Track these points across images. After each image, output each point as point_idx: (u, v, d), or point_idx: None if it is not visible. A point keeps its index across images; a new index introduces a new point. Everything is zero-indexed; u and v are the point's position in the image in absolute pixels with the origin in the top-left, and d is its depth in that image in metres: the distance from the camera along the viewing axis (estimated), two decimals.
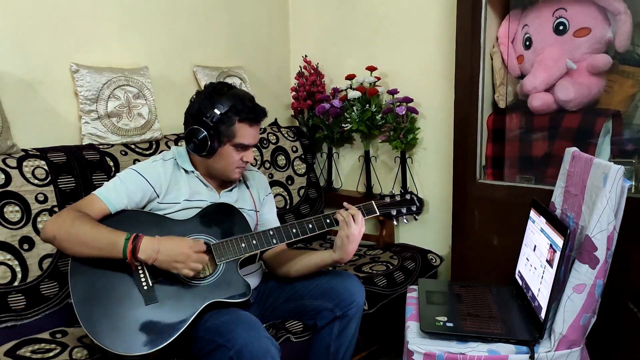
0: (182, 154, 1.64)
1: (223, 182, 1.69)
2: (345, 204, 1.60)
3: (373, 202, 1.65)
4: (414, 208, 1.70)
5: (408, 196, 1.70)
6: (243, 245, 1.53)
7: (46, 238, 1.43)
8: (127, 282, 1.42)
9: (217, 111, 1.52)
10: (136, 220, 1.51)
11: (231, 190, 1.68)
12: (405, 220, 1.70)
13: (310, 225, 1.58)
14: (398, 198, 1.69)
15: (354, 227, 1.53)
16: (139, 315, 1.39)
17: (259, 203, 1.75)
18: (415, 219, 1.73)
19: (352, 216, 1.54)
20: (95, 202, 1.47)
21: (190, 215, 1.57)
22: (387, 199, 1.68)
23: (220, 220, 1.58)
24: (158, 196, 1.56)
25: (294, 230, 1.58)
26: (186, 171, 1.62)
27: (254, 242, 1.54)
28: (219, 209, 1.60)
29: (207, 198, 1.62)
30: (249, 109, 1.55)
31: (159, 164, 1.60)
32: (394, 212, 1.67)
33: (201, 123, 1.53)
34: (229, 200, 1.66)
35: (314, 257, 1.63)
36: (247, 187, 1.73)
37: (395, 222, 1.71)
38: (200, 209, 1.58)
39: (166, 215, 1.56)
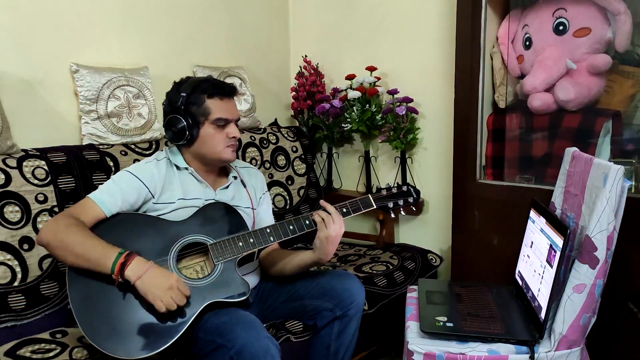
0: (175, 151, 1.65)
1: (218, 179, 1.69)
2: (321, 202, 1.59)
3: (370, 196, 1.65)
4: (410, 200, 1.69)
5: (405, 188, 1.70)
6: (240, 244, 1.53)
7: (41, 244, 1.43)
8: (125, 285, 1.41)
9: (183, 94, 1.56)
10: (132, 223, 1.50)
11: (227, 187, 1.68)
12: (402, 213, 1.69)
13: (307, 222, 1.58)
14: (395, 190, 1.69)
15: (332, 227, 1.53)
16: (138, 318, 1.38)
17: (256, 201, 1.75)
18: (413, 209, 1.72)
19: (331, 217, 1.54)
20: (90, 206, 1.47)
21: (186, 215, 1.56)
22: (384, 192, 1.68)
23: (217, 219, 1.58)
24: (153, 197, 1.56)
25: (291, 227, 1.57)
26: (179, 168, 1.62)
27: (251, 240, 1.54)
28: (215, 208, 1.60)
29: (202, 195, 1.62)
30: (213, 85, 1.59)
31: (153, 164, 1.60)
32: (390, 205, 1.67)
33: (174, 112, 1.56)
34: (225, 197, 1.66)
35: (296, 258, 1.63)
36: (244, 185, 1.73)
37: (392, 215, 1.71)
38: (195, 208, 1.58)
39: (162, 216, 1.55)
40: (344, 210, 1.60)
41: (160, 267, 1.41)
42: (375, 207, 1.64)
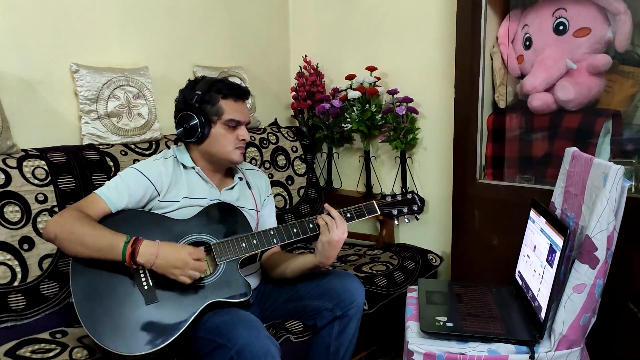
0: (182, 150, 1.66)
1: (224, 179, 1.69)
2: (326, 206, 1.60)
3: (374, 202, 1.66)
4: (415, 207, 1.70)
5: (409, 195, 1.70)
6: (244, 245, 1.53)
7: (48, 237, 1.43)
8: (127, 281, 1.42)
9: (199, 92, 1.56)
10: (137, 220, 1.51)
11: (232, 188, 1.69)
12: (406, 220, 1.70)
13: (311, 225, 1.59)
14: (399, 197, 1.69)
15: (335, 232, 1.53)
16: (140, 314, 1.39)
17: (260, 203, 1.76)
18: (417, 219, 1.73)
19: (335, 221, 1.54)
20: (96, 202, 1.47)
21: (191, 214, 1.57)
22: (389, 199, 1.69)
23: (221, 219, 1.58)
24: (159, 194, 1.56)
25: (295, 230, 1.58)
26: (185, 167, 1.62)
27: (255, 241, 1.55)
28: (219, 208, 1.60)
29: (208, 195, 1.62)
30: (229, 86, 1.60)
31: (160, 162, 1.60)
32: (395, 212, 1.67)
33: (187, 109, 1.57)
34: (230, 198, 1.66)
35: (297, 262, 1.64)
36: (249, 187, 1.73)
37: (396, 222, 1.71)
38: (199, 207, 1.58)
39: (167, 214, 1.56)
40: (348, 215, 1.61)
41: (169, 244, 1.43)
42: (379, 213, 1.65)
